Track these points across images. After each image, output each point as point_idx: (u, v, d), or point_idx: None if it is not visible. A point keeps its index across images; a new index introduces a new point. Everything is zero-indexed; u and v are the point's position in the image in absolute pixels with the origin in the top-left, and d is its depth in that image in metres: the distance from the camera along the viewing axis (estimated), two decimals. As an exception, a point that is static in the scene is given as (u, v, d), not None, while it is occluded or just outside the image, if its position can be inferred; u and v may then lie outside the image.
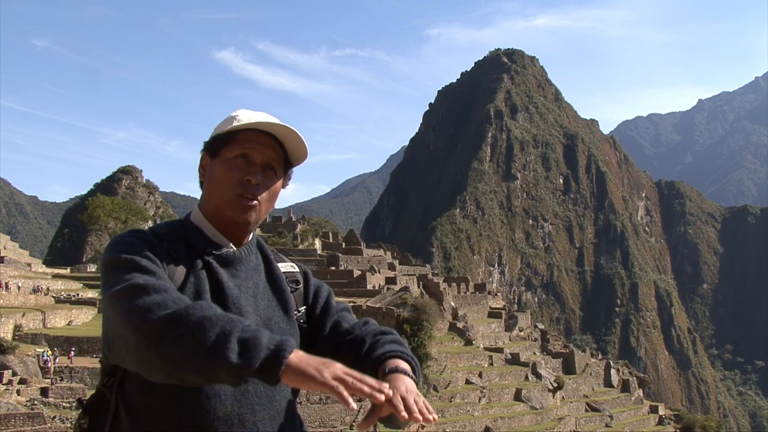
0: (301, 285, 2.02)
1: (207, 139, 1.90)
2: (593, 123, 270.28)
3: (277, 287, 1.91)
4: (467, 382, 39.99)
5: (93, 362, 27.15)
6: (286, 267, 2.02)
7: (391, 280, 48.48)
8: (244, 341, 1.43)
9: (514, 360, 46.62)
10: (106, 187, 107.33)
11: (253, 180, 1.79)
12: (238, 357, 1.41)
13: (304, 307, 1.99)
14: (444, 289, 49.38)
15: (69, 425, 21.18)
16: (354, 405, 1.39)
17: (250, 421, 1.68)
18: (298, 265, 2.11)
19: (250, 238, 1.92)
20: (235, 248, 1.85)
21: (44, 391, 23.86)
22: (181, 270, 1.73)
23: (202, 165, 1.89)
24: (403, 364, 1.73)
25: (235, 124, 1.82)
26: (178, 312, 1.47)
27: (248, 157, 1.80)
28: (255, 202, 1.80)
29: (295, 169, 1.96)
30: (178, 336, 1.43)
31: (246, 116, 1.83)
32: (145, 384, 1.64)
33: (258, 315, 1.78)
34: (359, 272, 47.02)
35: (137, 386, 1.69)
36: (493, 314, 54.15)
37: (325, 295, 2.07)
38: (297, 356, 1.43)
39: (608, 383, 56.62)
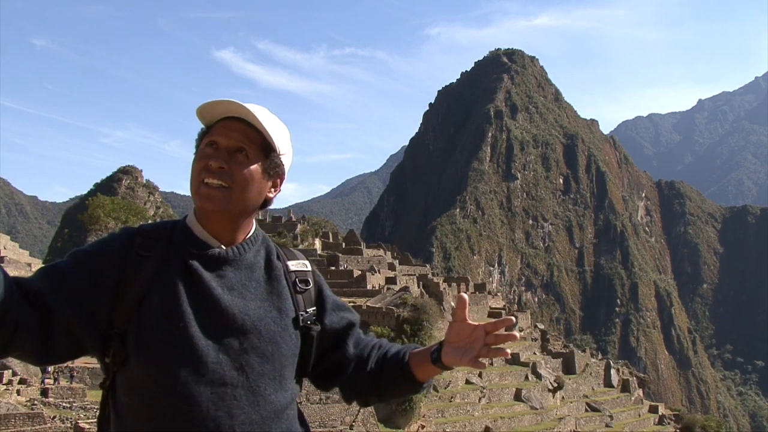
0: (311, 285, 1.94)
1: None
2: (593, 123, 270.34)
3: (272, 287, 1.83)
4: (467, 382, 39.97)
5: (93, 362, 27.17)
6: (297, 265, 1.94)
7: (391, 280, 48.39)
8: None
9: (513, 360, 46.59)
10: (106, 187, 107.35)
11: (213, 163, 1.72)
12: None
13: (314, 308, 1.91)
14: (444, 289, 49.33)
15: (69, 425, 21.20)
16: None
17: (227, 425, 1.64)
18: (311, 265, 2.02)
19: (249, 235, 1.84)
20: (224, 247, 1.78)
21: (44, 391, 23.87)
22: (148, 266, 1.70)
23: None
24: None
25: (199, 116, 1.82)
26: None
27: (215, 143, 1.76)
28: (222, 188, 1.73)
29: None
30: None
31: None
32: (127, 384, 1.67)
33: (246, 315, 1.72)
34: (359, 272, 46.95)
35: (122, 386, 1.69)
36: (493, 314, 54.08)
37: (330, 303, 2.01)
38: None
39: (608, 383, 56.63)
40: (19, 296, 1.54)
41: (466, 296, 1.80)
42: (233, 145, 1.75)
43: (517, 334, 1.74)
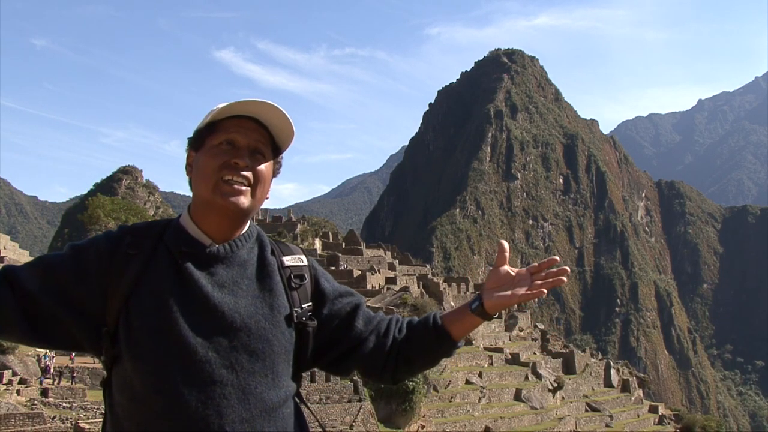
0: (307, 280, 1.88)
1: (190, 136, 1.81)
2: (593, 123, 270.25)
3: (265, 284, 1.78)
4: (467, 382, 39.96)
5: (93, 362, 27.15)
6: (293, 261, 1.88)
7: (391, 280, 48.39)
8: None
9: (514, 360, 46.60)
10: (106, 187, 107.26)
11: (240, 162, 1.70)
12: None
13: (310, 303, 1.85)
14: (444, 289, 49.37)
15: (69, 425, 21.20)
16: None
17: (216, 424, 1.61)
18: (307, 259, 1.95)
19: (243, 231, 1.80)
20: (216, 245, 1.75)
21: (44, 391, 23.85)
22: (135, 264, 1.68)
23: (189, 162, 1.80)
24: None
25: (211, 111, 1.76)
26: None
27: (233, 142, 1.72)
28: (245, 187, 1.71)
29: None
30: None
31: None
32: (120, 382, 1.67)
33: (236, 313, 1.69)
34: (359, 272, 46.96)
35: (116, 384, 1.69)
36: (493, 314, 54.01)
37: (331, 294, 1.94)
38: None
39: (608, 383, 56.60)
40: None
41: (505, 243, 1.79)
42: (252, 145, 1.74)
43: (568, 268, 1.72)
